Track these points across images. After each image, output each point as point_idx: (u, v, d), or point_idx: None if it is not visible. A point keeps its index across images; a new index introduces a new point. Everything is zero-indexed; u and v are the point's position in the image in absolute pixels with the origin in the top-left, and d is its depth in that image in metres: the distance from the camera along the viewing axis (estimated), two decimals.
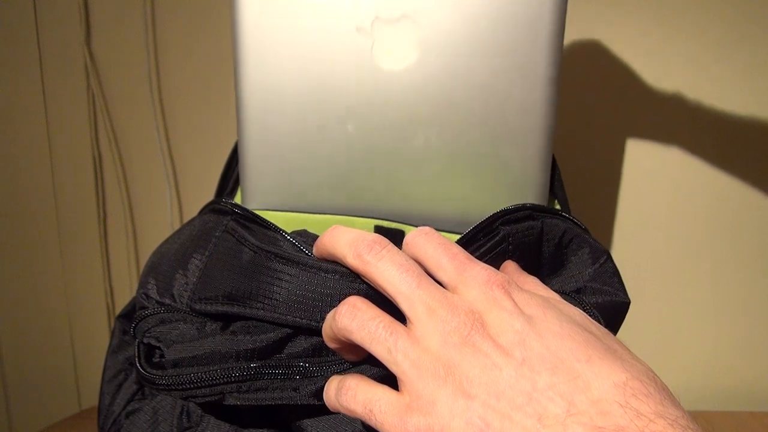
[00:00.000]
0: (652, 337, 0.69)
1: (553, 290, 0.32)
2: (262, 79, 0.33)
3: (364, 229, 0.35)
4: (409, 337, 0.22)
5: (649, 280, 0.69)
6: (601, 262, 0.33)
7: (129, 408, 0.29)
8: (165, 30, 0.78)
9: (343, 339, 0.24)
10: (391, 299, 0.24)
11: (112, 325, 0.83)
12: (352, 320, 0.23)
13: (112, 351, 0.32)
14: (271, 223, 0.30)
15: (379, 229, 0.35)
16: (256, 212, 0.33)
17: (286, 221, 0.35)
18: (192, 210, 0.80)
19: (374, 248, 0.24)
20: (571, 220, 0.34)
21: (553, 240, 0.32)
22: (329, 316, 0.25)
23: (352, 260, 0.24)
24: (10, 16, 0.81)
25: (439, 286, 0.24)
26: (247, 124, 0.33)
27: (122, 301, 0.82)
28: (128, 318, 0.33)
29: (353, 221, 0.35)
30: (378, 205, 0.35)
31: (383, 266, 0.23)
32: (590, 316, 0.29)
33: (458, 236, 0.35)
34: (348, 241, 0.25)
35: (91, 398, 0.84)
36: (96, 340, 0.83)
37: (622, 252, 0.69)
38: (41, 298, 0.84)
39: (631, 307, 0.33)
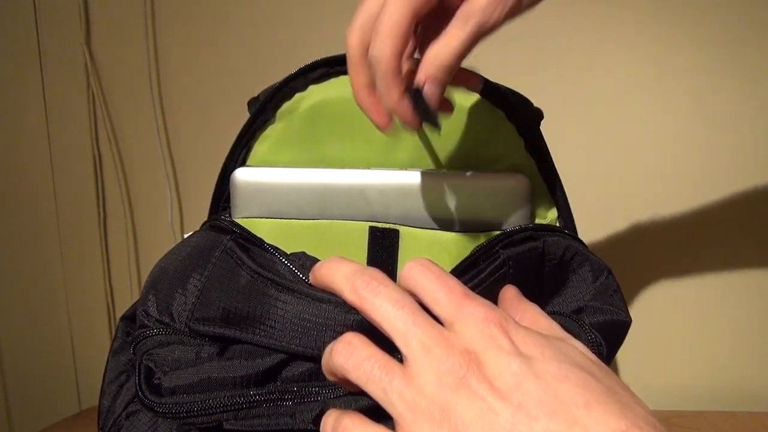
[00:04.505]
0: (652, 338, 0.69)
1: (555, 311, 0.31)
2: None
3: (358, 230, 0.35)
4: (405, 377, 0.22)
5: (648, 280, 0.69)
6: (602, 279, 0.33)
7: (130, 409, 0.29)
8: (165, 30, 0.78)
9: (339, 376, 0.24)
10: (387, 336, 0.23)
11: (112, 325, 0.84)
12: (348, 359, 0.23)
13: (114, 352, 0.32)
14: (269, 245, 0.30)
15: (373, 230, 0.35)
16: (245, 220, 0.34)
17: (274, 227, 0.35)
18: (192, 210, 0.80)
19: (371, 284, 0.24)
20: (571, 237, 0.33)
21: (554, 259, 0.32)
22: (326, 351, 0.25)
23: (348, 295, 0.24)
24: (10, 16, 0.81)
25: (435, 322, 0.23)
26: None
27: (122, 301, 0.82)
28: (131, 320, 0.33)
29: (345, 225, 0.35)
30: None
31: (379, 302, 0.23)
32: (589, 337, 0.29)
33: (455, 234, 0.34)
34: (345, 274, 0.25)
35: (90, 398, 0.84)
36: (96, 340, 0.83)
37: (622, 253, 0.69)
38: (41, 298, 0.84)
39: (631, 307, 0.33)
